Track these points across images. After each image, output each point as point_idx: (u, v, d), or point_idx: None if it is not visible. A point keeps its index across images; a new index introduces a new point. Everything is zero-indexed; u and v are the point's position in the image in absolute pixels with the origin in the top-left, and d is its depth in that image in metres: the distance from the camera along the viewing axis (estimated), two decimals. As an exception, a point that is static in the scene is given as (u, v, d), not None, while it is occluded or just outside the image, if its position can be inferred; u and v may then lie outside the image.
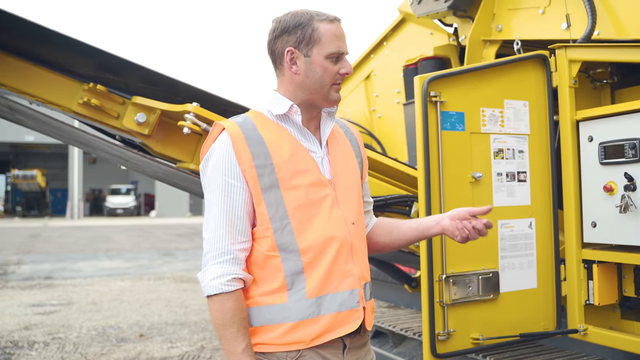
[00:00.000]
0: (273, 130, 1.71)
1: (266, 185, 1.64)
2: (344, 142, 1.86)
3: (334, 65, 1.69)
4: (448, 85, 2.62)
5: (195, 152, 2.96)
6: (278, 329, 1.65)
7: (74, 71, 2.91)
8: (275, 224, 1.65)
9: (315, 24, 1.68)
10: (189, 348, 5.89)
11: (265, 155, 1.65)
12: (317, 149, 1.76)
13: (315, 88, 1.70)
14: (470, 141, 2.66)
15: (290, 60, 1.70)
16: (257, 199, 1.65)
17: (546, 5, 3.30)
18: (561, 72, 2.84)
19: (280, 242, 1.65)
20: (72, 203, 37.74)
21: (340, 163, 1.80)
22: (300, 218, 1.66)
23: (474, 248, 2.62)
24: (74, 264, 13.23)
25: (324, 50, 1.68)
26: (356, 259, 1.74)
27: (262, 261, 1.67)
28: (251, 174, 1.64)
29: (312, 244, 1.66)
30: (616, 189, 2.60)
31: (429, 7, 3.94)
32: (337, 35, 1.69)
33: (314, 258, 1.66)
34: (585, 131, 2.75)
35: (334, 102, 1.74)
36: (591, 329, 2.75)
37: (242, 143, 1.65)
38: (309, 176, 1.69)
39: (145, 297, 8.97)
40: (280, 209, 1.65)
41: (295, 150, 1.70)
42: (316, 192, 1.69)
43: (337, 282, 1.68)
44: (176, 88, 2.93)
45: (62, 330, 6.71)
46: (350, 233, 1.73)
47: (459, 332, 2.62)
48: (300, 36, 1.68)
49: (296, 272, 1.66)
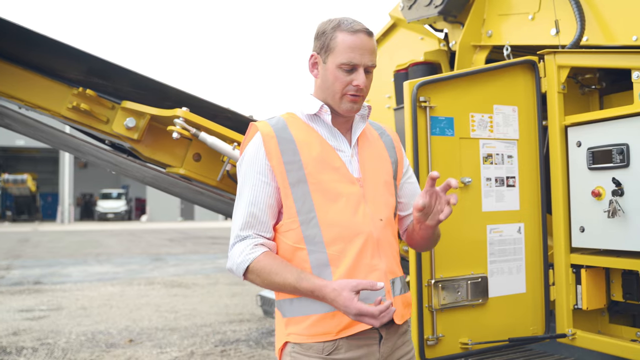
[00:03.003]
0: (303, 130, 1.81)
1: (294, 180, 1.73)
2: (376, 143, 1.93)
3: (346, 76, 1.76)
4: (437, 90, 2.63)
5: (184, 157, 2.95)
6: (307, 321, 1.73)
7: (64, 75, 2.90)
8: (302, 217, 1.73)
9: (336, 33, 1.76)
10: (178, 353, 5.85)
11: (293, 152, 1.75)
12: (345, 149, 1.83)
13: (329, 94, 1.79)
14: (460, 146, 2.67)
15: (312, 64, 1.83)
16: (285, 192, 1.74)
17: (536, 11, 3.32)
18: (550, 77, 2.86)
19: (307, 234, 1.73)
20: (63, 207, 37.52)
21: (371, 163, 1.86)
22: (325, 212, 1.74)
23: (462, 253, 2.63)
24: (64, 269, 13.14)
25: (337, 60, 1.75)
26: (383, 254, 1.79)
27: (289, 254, 1.76)
28: (280, 170, 1.74)
29: (337, 237, 1.73)
30: (604, 194, 2.62)
31: (419, 13, 3.95)
32: (352, 47, 1.74)
33: (339, 251, 1.73)
34: (574, 136, 2.77)
35: (346, 111, 1.79)
36: (579, 334, 2.76)
37: (273, 141, 1.76)
38: (336, 173, 1.78)
39: (135, 302, 8.92)
40: (307, 202, 1.73)
41: (324, 149, 1.79)
42: (342, 189, 1.77)
43: (363, 276, 1.73)
44: (166, 93, 2.93)
45: (51, 335, 6.66)
46: (377, 229, 1.79)
47: (447, 337, 2.62)
48: (322, 43, 1.78)
49: (322, 264, 1.73)
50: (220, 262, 14.36)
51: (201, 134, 2.72)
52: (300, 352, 1.74)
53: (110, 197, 41.27)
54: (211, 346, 6.12)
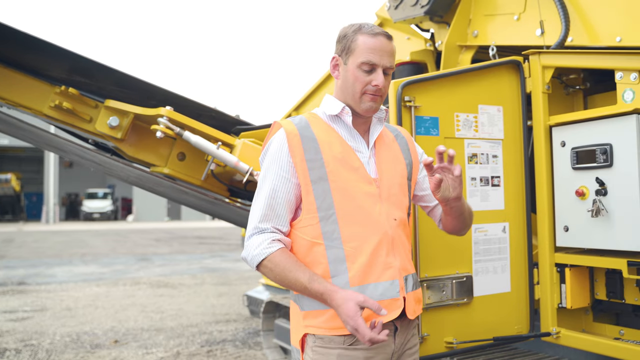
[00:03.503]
0: (324, 130, 1.89)
1: (316, 177, 1.81)
2: (392, 145, 2.02)
3: (366, 76, 1.84)
4: (422, 90, 2.62)
5: (169, 156, 2.93)
6: (325, 315, 1.80)
7: (46, 74, 2.87)
8: (321, 213, 1.81)
9: (357, 35, 1.85)
10: (164, 354, 5.82)
11: (315, 151, 1.82)
12: (364, 150, 1.92)
13: (349, 94, 1.88)
14: (445, 146, 2.67)
15: (333, 66, 1.92)
16: (307, 189, 1.81)
17: (521, 12, 3.33)
18: (535, 77, 2.87)
19: (325, 230, 1.80)
20: (48, 207, 37.17)
21: (387, 164, 1.95)
22: (344, 210, 1.81)
23: (447, 252, 2.63)
24: (49, 269, 13.02)
25: (357, 60, 1.84)
26: (397, 252, 1.88)
27: (306, 249, 1.83)
28: (302, 167, 1.81)
29: (354, 234, 1.81)
30: (588, 194, 2.63)
31: (405, 13, 3.95)
32: (372, 48, 1.83)
33: (355, 248, 1.81)
34: (558, 136, 2.78)
35: (366, 111, 1.87)
36: (564, 332, 2.77)
37: (296, 139, 1.83)
38: (355, 173, 1.85)
39: (120, 302, 8.86)
40: (327, 199, 1.81)
41: (344, 149, 1.87)
42: (361, 188, 1.84)
43: (379, 273, 1.82)
44: (150, 92, 2.91)
45: (34, 337, 6.60)
46: (392, 228, 1.87)
47: (433, 336, 2.62)
48: (344, 45, 1.88)
49: (338, 260, 1.80)
50: (207, 262, 14.31)
51: (185, 133, 2.70)
52: (322, 345, 1.82)
53: (96, 196, 40.96)
54: (197, 346, 6.09)
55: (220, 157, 2.69)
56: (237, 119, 3.44)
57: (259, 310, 5.69)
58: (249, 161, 2.74)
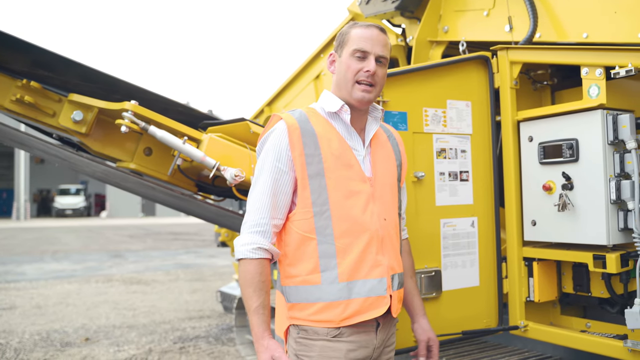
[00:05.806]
0: (323, 125, 1.90)
1: (313, 172, 1.83)
2: (386, 145, 2.05)
3: (359, 63, 1.87)
4: (391, 85, 2.61)
5: (135, 151, 2.88)
6: (311, 308, 1.84)
7: (7, 67, 2.79)
8: (316, 208, 1.83)
9: (351, 29, 1.91)
10: (136, 351, 5.75)
11: (315, 146, 1.84)
12: (360, 148, 1.94)
13: (341, 84, 1.91)
14: (413, 141, 2.67)
15: (330, 62, 1.97)
16: (303, 183, 1.83)
17: (490, 8, 3.34)
18: (503, 73, 2.88)
19: (318, 225, 1.83)
20: (19, 204, 36.49)
21: (380, 164, 1.98)
22: (338, 206, 1.84)
23: (416, 247, 2.63)
24: (18, 267, 12.79)
25: (349, 48, 1.88)
26: (386, 251, 1.92)
27: (298, 243, 1.85)
28: (301, 161, 1.83)
29: (346, 231, 1.84)
30: (555, 188, 2.66)
31: (376, 8, 3.95)
32: (364, 37, 1.88)
33: (346, 245, 1.84)
34: (526, 131, 2.80)
35: (358, 101, 1.89)
36: (532, 325, 2.80)
37: (297, 132, 1.84)
38: (350, 171, 1.88)
39: (92, 299, 8.74)
40: (323, 195, 1.83)
41: (342, 146, 1.89)
42: (355, 186, 1.87)
43: (368, 270, 1.86)
44: (115, 86, 2.86)
45: (2, 335, 6.47)
46: (382, 227, 1.91)
47: (401, 330, 2.61)
48: (339, 41, 1.94)
49: (329, 255, 1.83)
50: (181, 258, 14.20)
51: (150, 127, 2.65)
52: (306, 336, 1.86)
53: (69, 192, 40.37)
54: (170, 343, 6.03)
55: (187, 152, 2.65)
56: (206, 114, 3.39)
57: (232, 307, 5.66)
58: (217, 156, 2.70)
